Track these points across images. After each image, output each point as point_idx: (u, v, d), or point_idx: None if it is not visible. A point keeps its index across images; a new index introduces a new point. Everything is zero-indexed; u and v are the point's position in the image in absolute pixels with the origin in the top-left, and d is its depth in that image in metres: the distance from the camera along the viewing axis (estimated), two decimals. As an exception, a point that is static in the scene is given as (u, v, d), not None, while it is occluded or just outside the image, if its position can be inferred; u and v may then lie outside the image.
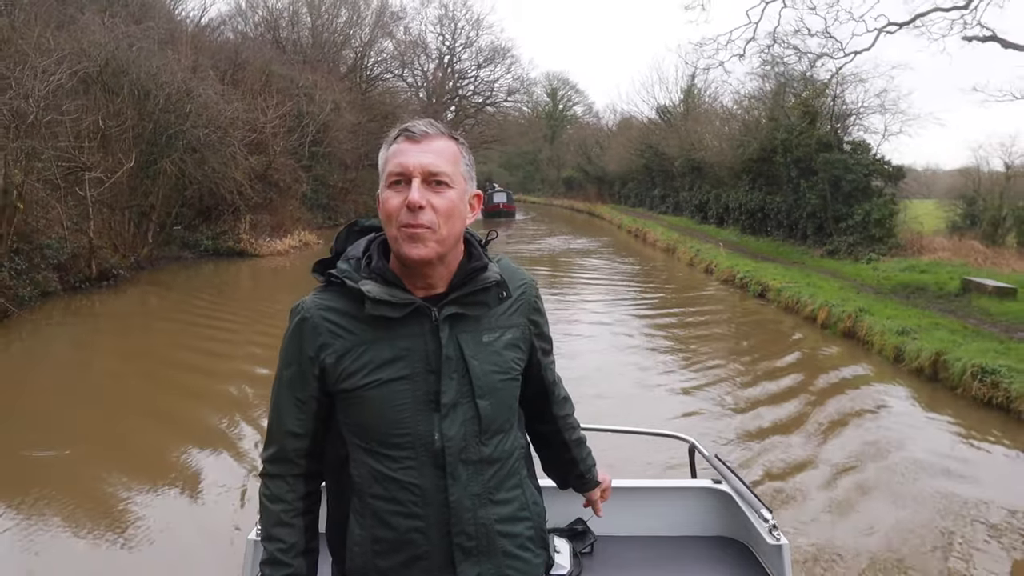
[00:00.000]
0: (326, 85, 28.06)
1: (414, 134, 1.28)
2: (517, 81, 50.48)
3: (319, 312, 1.31)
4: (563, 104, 63.17)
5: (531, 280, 1.43)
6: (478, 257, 1.34)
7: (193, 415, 6.75)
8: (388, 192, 1.28)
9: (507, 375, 1.33)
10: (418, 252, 1.24)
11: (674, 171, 29.24)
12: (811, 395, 7.32)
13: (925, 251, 16.04)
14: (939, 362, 7.52)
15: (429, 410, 1.27)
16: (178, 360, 8.83)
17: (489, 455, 1.31)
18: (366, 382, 1.27)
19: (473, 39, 47.78)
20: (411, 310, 1.27)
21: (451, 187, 1.27)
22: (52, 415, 6.53)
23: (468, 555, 1.29)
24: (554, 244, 25.49)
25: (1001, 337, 8.38)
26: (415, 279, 1.30)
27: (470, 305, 1.31)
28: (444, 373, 1.27)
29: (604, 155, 43.96)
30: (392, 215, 1.26)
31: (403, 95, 44.51)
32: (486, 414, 1.30)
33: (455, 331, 1.29)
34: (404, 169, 1.25)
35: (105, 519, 4.50)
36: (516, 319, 1.37)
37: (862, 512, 4.71)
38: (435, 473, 1.27)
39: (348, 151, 29.51)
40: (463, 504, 1.28)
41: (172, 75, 16.16)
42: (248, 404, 6.95)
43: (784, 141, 17.64)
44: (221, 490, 4.97)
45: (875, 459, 5.60)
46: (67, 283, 12.71)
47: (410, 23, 44.37)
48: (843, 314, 9.90)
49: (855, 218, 16.19)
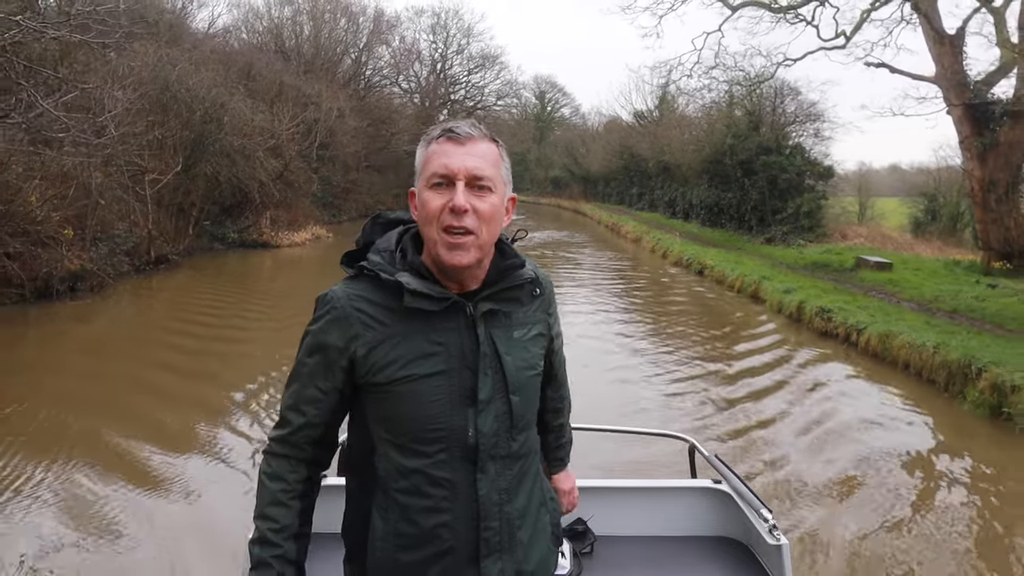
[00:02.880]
0: (330, 93, 30.84)
1: (458, 135, 1.26)
2: (506, 86, 53.19)
3: (350, 303, 1.29)
4: (551, 107, 65.91)
5: (544, 275, 1.44)
6: (511, 255, 1.34)
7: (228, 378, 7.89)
8: (429, 193, 1.26)
9: (534, 370, 1.35)
10: (459, 259, 1.24)
11: (648, 171, 32.26)
12: (721, 328, 10.39)
13: (847, 238, 19.07)
14: (800, 307, 10.52)
15: (464, 405, 1.27)
16: (219, 323, 11.53)
17: (516, 450, 1.33)
18: (400, 376, 1.25)
19: (464, 46, 50.52)
20: (448, 305, 1.27)
21: (493, 191, 1.27)
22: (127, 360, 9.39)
23: (492, 550, 1.30)
24: (541, 237, 28.63)
25: (855, 293, 11.38)
26: (448, 277, 1.30)
27: (504, 301, 1.32)
28: (481, 369, 1.27)
29: (588, 156, 46.92)
30: (434, 217, 1.25)
31: (397, 100, 47.17)
32: (518, 410, 1.30)
33: (489, 327, 1.30)
34: (448, 171, 1.24)
35: (99, 517, 4.43)
36: (539, 315, 1.39)
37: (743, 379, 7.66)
38: (466, 468, 1.27)
39: (350, 154, 32.28)
40: (491, 499, 1.29)
41: (208, 91, 18.97)
42: (271, 367, 8.11)
43: (732, 146, 20.63)
44: (228, 472, 5.13)
45: (751, 356, 8.64)
46: (133, 265, 15.49)
47: (404, 32, 47.02)
48: (751, 281, 12.90)
49: (788, 211, 19.20)
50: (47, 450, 5.40)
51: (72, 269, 12.50)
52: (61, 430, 5.94)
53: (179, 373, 8.04)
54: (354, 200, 34.86)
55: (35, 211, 12.18)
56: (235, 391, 7.12)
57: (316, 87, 30.43)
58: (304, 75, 32.98)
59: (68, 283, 12.39)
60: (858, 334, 8.86)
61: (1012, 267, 13.43)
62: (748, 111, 20.96)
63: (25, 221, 11.98)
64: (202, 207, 20.38)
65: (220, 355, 9.19)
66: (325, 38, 39.60)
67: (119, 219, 15.53)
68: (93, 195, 14.25)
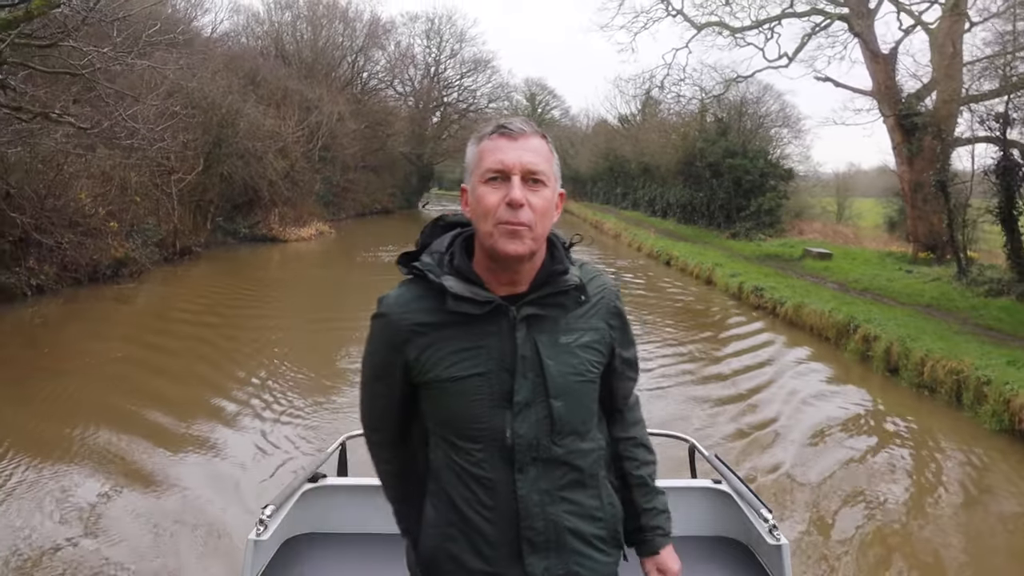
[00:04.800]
0: (330, 97, 32.67)
1: (512, 131, 1.29)
2: (498, 88, 55.06)
3: (399, 308, 1.34)
4: (541, 108, 67.79)
5: (612, 284, 1.42)
6: (560, 260, 1.34)
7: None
8: (484, 188, 1.28)
9: (583, 377, 1.34)
10: (516, 248, 1.26)
11: (631, 172, 34.32)
12: (673, 304, 12.38)
13: (803, 234, 21.13)
14: (740, 287, 12.53)
15: (502, 407, 1.29)
16: (238, 305, 13.45)
17: (561, 455, 1.32)
18: (446, 376, 1.30)
19: (457, 50, 52.35)
20: (491, 308, 1.29)
21: (547, 185, 1.29)
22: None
23: (536, 549, 1.31)
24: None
25: (791, 277, 13.41)
26: (500, 276, 1.32)
27: (548, 306, 1.32)
28: (518, 372, 1.29)
29: (577, 158, 48.89)
30: (490, 211, 1.26)
31: (392, 103, 48.95)
32: (559, 414, 1.30)
33: (532, 331, 1.30)
34: (504, 166, 1.26)
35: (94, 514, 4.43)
36: (595, 322, 1.37)
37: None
38: (505, 468, 1.30)
39: (349, 155, 34.12)
40: (532, 499, 1.30)
41: (223, 97, 20.79)
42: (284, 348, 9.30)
43: (701, 149, 22.65)
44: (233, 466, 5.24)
45: (697, 319, 10.62)
46: (163, 256, 17.32)
47: (399, 36, 48.77)
48: (706, 268, 14.92)
49: (751, 208, 21.23)
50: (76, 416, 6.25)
51: (117, 256, 14.34)
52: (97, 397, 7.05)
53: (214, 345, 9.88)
54: (352, 199, 36.65)
55: (85, 206, 14.01)
56: (251, 366, 8.29)
57: (318, 91, 32.23)
58: (305, 79, 34.74)
59: (113, 269, 14.22)
60: (780, 306, 10.87)
61: (935, 257, 15.46)
62: (717, 118, 23.00)
63: (77, 215, 13.80)
64: (218, 204, 22.20)
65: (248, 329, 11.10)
66: (324, 42, 41.17)
67: (148, 214, 17.34)
68: (129, 192, 16.07)
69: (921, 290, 11.23)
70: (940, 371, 6.96)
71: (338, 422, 6.12)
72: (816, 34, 16.43)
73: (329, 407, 6.55)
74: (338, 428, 6.02)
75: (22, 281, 11.88)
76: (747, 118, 22.83)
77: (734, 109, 22.07)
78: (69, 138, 12.93)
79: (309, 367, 8.07)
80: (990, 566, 4.25)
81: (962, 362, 6.80)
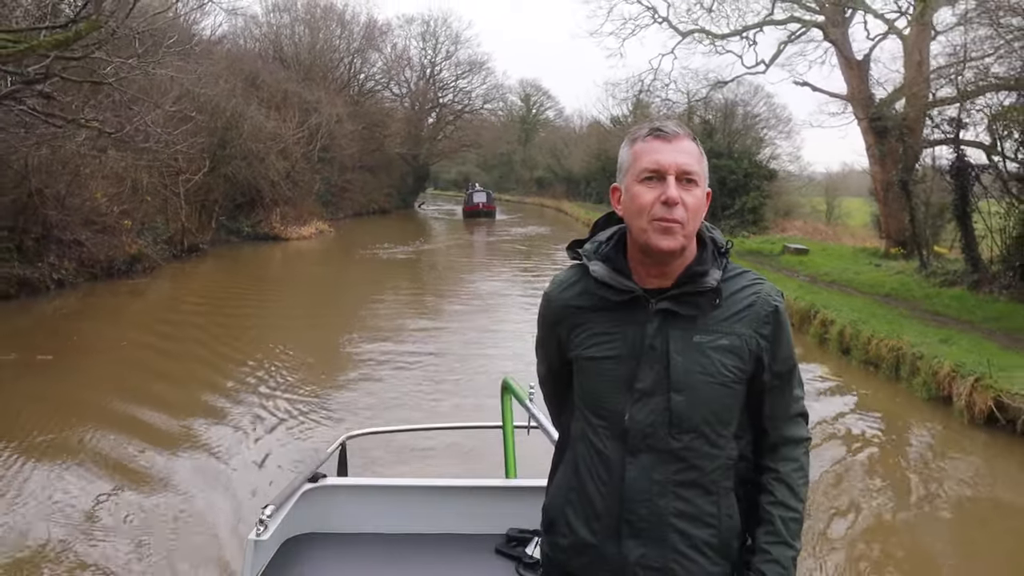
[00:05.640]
0: (329, 99, 33.45)
1: (666, 133, 1.34)
2: (493, 89, 55.84)
3: (558, 289, 1.46)
4: (535, 109, 68.49)
5: (771, 294, 1.41)
6: (704, 261, 1.38)
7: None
8: (639, 187, 1.34)
9: (713, 378, 1.34)
10: (668, 244, 1.31)
11: (622, 172, 35.15)
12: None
13: (786, 231, 22.06)
14: (718, 280, 13.40)
15: (625, 392, 1.35)
16: (243, 297, 14.32)
17: (678, 449, 1.34)
18: (587, 355, 1.39)
19: (452, 52, 53.11)
20: (629, 297, 1.35)
21: (699, 185, 1.35)
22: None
23: (635, 534, 1.35)
24: (527, 232, 31.78)
25: (767, 270, 14.28)
26: (651, 269, 1.37)
27: (683, 304, 1.35)
28: (644, 362, 1.34)
29: (570, 158, 49.73)
30: (645, 209, 1.32)
31: (388, 104, 49.71)
32: (678, 409, 1.33)
33: (667, 326, 1.34)
34: (660, 167, 1.32)
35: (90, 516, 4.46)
36: (740, 328, 1.36)
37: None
38: (620, 448, 1.35)
39: (347, 156, 34.91)
40: (639, 485, 1.34)
41: (227, 100, 21.58)
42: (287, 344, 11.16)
43: (687, 150, 23.51)
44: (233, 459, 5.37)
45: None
46: (172, 253, 18.11)
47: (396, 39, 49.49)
48: (689, 263, 15.80)
49: (735, 207, 22.12)
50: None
51: (131, 253, 15.14)
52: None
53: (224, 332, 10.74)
54: (350, 199, 37.42)
55: (101, 205, 14.81)
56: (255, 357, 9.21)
57: (316, 94, 33.00)
58: (303, 81, 35.48)
59: (127, 264, 15.02)
60: (752, 296, 11.72)
61: (905, 252, 16.37)
62: (703, 120, 23.91)
63: (93, 214, 14.60)
64: (222, 204, 22.99)
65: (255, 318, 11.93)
66: (321, 45, 41.81)
67: (157, 213, 18.13)
68: (140, 192, 16.86)
69: (883, 281, 12.12)
70: (883, 349, 7.83)
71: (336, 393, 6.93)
72: (792, 41, 17.35)
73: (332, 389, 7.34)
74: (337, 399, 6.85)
75: (45, 276, 12.68)
76: (737, 119, 23.73)
77: (720, 111, 22.98)
78: (88, 141, 13.72)
79: (310, 357, 8.70)
80: (900, 487, 5.14)
81: (901, 340, 7.67)
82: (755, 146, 24.90)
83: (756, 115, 24.40)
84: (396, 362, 8.34)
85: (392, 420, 6.07)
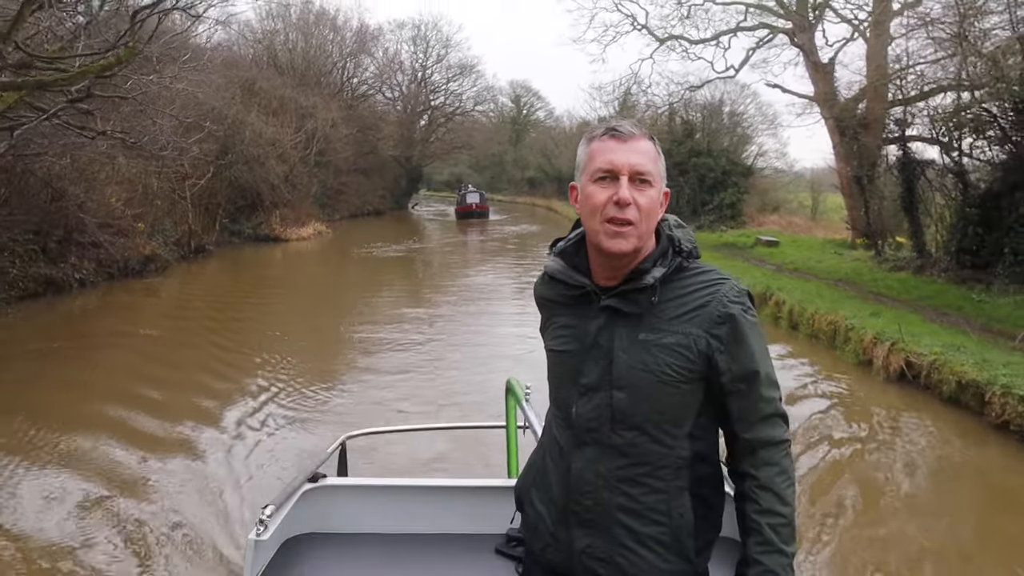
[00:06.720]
0: (324, 104, 34.46)
1: (621, 133, 1.34)
2: (483, 91, 56.82)
3: (539, 283, 1.53)
4: (526, 110, 69.45)
5: (725, 295, 1.35)
6: (650, 259, 1.37)
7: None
8: (593, 187, 1.34)
9: (656, 376, 1.33)
10: (619, 246, 1.32)
11: (609, 171, 36.34)
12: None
13: (762, 225, 23.21)
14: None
15: (573, 385, 1.39)
16: (249, 295, 15.39)
17: (621, 445, 1.35)
18: (551, 347, 1.46)
19: (443, 55, 54.10)
20: (580, 293, 1.40)
21: (653, 186, 1.34)
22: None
23: (582, 523, 1.38)
24: (518, 230, 33.03)
25: (737, 260, 15.43)
26: (605, 269, 1.39)
27: (626, 302, 1.36)
28: (589, 357, 1.37)
29: (560, 157, 50.74)
30: (598, 209, 1.33)
31: (381, 107, 50.66)
32: (620, 405, 1.34)
33: (613, 323, 1.36)
34: (613, 167, 1.32)
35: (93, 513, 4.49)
36: (688, 328, 1.33)
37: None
38: (571, 438, 1.40)
39: (342, 159, 35.91)
40: (585, 476, 1.37)
41: (228, 107, 22.61)
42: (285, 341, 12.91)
43: (668, 149, 24.69)
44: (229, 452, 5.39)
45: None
46: (180, 254, 19.13)
47: (387, 43, 50.44)
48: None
49: (714, 203, 23.29)
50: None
51: (145, 253, 16.17)
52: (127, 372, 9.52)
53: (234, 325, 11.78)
54: (345, 201, 38.40)
55: (116, 209, 15.83)
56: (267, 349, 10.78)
57: (311, 99, 34.01)
58: (298, 87, 36.42)
59: (141, 265, 16.04)
60: (719, 283, 12.86)
61: (869, 243, 17.55)
62: (684, 120, 25.11)
63: (109, 217, 15.61)
64: (224, 206, 24.01)
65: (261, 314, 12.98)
66: (315, 51, 42.66)
67: (165, 215, 19.14)
68: (151, 196, 17.89)
69: (840, 268, 13.27)
70: (822, 323, 8.97)
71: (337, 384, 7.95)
72: (761, 47, 18.51)
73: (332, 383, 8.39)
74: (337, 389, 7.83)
75: (68, 275, 13.70)
76: (723, 117, 24.96)
77: (700, 111, 24.20)
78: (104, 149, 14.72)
79: (311, 350, 9.54)
80: (829, 426, 6.27)
81: (838, 315, 8.80)
82: (740, 144, 26.08)
83: (740, 113, 25.63)
84: (394, 352, 9.08)
85: (392, 420, 6.09)
